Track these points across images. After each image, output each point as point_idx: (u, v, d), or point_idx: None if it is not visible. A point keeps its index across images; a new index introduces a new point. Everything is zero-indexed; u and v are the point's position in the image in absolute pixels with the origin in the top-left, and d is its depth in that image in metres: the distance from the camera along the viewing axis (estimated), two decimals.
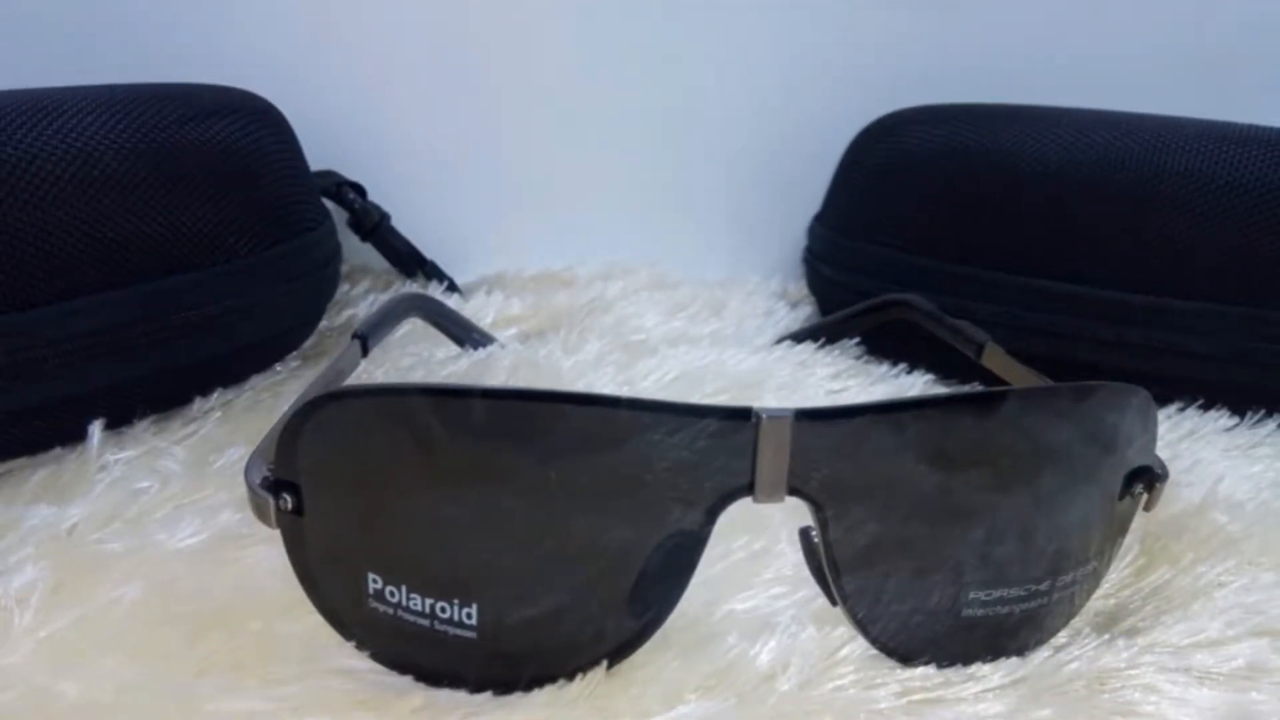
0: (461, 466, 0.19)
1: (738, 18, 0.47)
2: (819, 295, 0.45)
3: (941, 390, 0.37)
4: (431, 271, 0.46)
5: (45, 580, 0.23)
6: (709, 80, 0.48)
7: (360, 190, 0.45)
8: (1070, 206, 0.35)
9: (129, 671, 0.20)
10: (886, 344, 0.39)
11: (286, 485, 0.20)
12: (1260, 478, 0.30)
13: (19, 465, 0.29)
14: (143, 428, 0.31)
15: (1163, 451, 0.24)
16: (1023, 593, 0.22)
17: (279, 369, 0.37)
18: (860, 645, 0.22)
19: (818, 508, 0.20)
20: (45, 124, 0.29)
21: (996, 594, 0.22)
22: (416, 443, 0.19)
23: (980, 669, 0.22)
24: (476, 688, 0.20)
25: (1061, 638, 0.23)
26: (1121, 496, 0.22)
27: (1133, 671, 0.21)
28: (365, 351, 0.31)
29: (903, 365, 0.38)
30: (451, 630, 0.20)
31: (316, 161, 0.39)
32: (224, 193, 0.32)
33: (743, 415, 0.19)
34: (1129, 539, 0.24)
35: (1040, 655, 0.22)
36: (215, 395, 0.33)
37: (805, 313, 0.45)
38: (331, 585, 0.21)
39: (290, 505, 0.20)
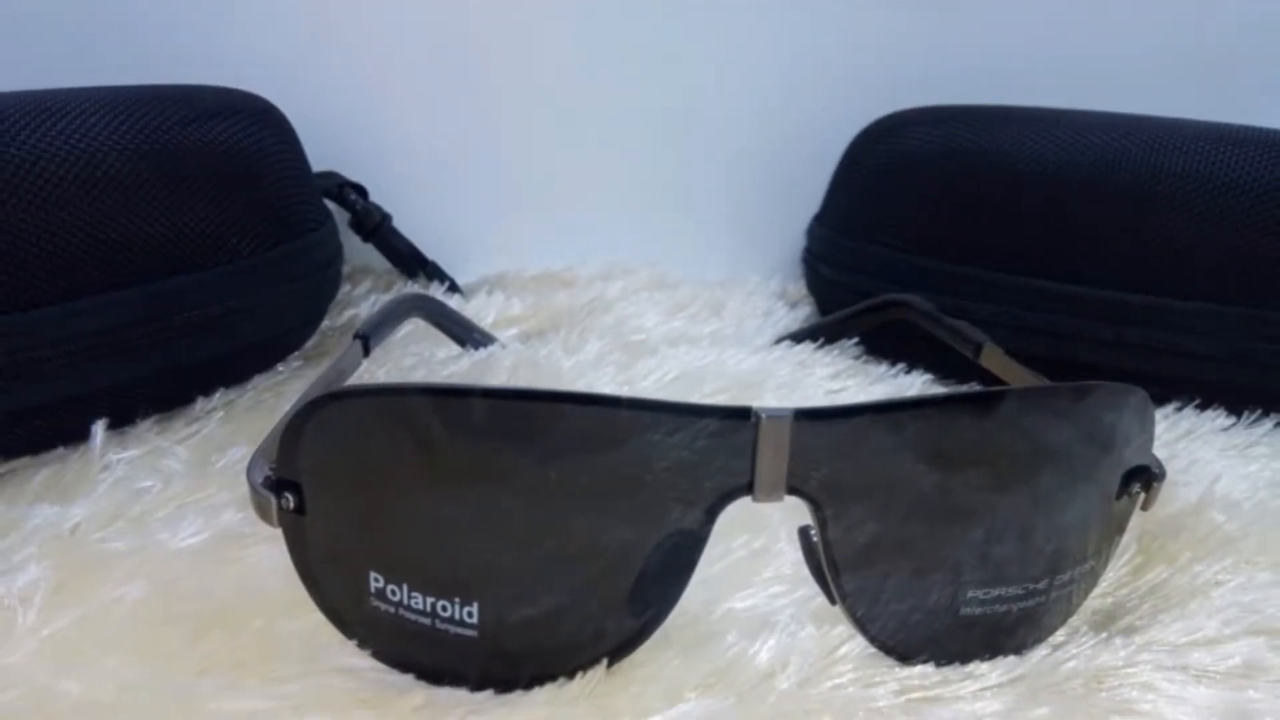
0: (462, 466, 0.20)
1: (738, 18, 0.47)
2: (818, 295, 0.45)
3: (940, 390, 0.37)
4: (433, 272, 0.46)
5: (48, 579, 0.23)
6: (709, 80, 0.48)
7: (362, 191, 0.45)
8: (1069, 207, 0.35)
9: (131, 671, 0.20)
10: (885, 344, 0.39)
11: (288, 484, 0.20)
12: (1257, 477, 0.30)
13: (22, 465, 0.29)
14: (145, 427, 0.31)
15: (1160, 451, 0.24)
16: (1020, 591, 0.22)
17: (281, 369, 0.37)
18: (859, 644, 0.22)
19: (817, 507, 0.20)
20: (49, 125, 0.29)
21: (994, 593, 0.22)
22: (418, 442, 0.19)
23: (978, 667, 0.22)
24: (477, 686, 0.20)
25: (1059, 636, 0.23)
26: (1119, 496, 0.22)
27: (1130, 670, 0.21)
28: (367, 351, 0.31)
29: (901, 365, 0.38)
30: (452, 629, 0.20)
31: (318, 162, 0.39)
32: (226, 194, 0.32)
33: (742, 415, 0.19)
34: (1126, 538, 0.24)
35: (1038, 654, 0.22)
36: (217, 395, 0.33)
37: (804, 313, 0.45)
38: (333, 584, 0.21)
39: (292, 504, 0.20)
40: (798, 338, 0.40)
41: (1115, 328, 0.34)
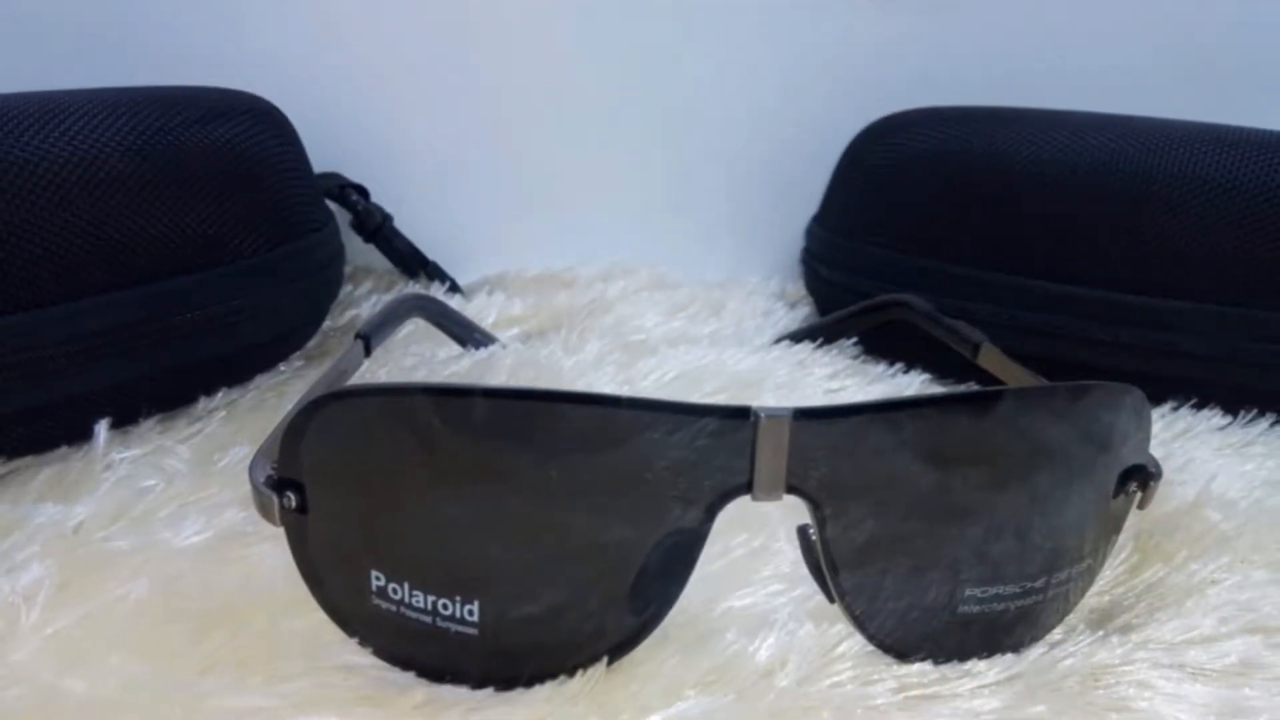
0: (463, 465, 0.20)
1: (738, 18, 0.47)
2: (817, 296, 0.45)
3: (938, 390, 0.37)
4: (434, 272, 0.46)
5: (51, 578, 0.23)
6: (709, 80, 0.48)
7: (363, 192, 0.45)
8: (1066, 208, 0.35)
9: (134, 668, 0.21)
10: (884, 344, 0.39)
11: (290, 484, 0.20)
12: (1253, 476, 0.30)
13: (25, 464, 0.29)
14: (148, 427, 0.31)
15: (1156, 450, 0.24)
16: (1018, 590, 0.22)
17: (283, 369, 0.37)
18: (857, 642, 0.22)
19: (816, 506, 0.20)
20: (52, 126, 0.29)
21: (992, 591, 0.22)
22: (419, 441, 0.20)
23: (976, 665, 0.22)
24: (478, 684, 0.20)
25: (1056, 634, 0.23)
26: (1116, 495, 0.23)
27: (1127, 668, 0.22)
28: (368, 351, 0.31)
29: (900, 365, 0.38)
30: (454, 627, 0.20)
31: (320, 163, 0.39)
32: (228, 194, 0.33)
33: (741, 414, 0.19)
34: (1123, 537, 0.24)
35: (1035, 652, 0.22)
36: (220, 395, 0.33)
37: (804, 313, 0.46)
38: (335, 583, 0.21)
39: (294, 503, 0.20)
40: (797, 338, 0.40)
41: (1112, 328, 0.35)
